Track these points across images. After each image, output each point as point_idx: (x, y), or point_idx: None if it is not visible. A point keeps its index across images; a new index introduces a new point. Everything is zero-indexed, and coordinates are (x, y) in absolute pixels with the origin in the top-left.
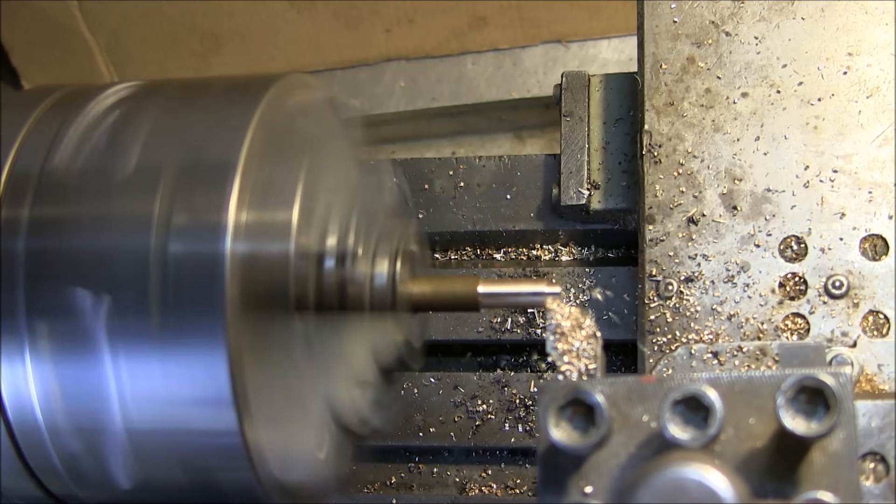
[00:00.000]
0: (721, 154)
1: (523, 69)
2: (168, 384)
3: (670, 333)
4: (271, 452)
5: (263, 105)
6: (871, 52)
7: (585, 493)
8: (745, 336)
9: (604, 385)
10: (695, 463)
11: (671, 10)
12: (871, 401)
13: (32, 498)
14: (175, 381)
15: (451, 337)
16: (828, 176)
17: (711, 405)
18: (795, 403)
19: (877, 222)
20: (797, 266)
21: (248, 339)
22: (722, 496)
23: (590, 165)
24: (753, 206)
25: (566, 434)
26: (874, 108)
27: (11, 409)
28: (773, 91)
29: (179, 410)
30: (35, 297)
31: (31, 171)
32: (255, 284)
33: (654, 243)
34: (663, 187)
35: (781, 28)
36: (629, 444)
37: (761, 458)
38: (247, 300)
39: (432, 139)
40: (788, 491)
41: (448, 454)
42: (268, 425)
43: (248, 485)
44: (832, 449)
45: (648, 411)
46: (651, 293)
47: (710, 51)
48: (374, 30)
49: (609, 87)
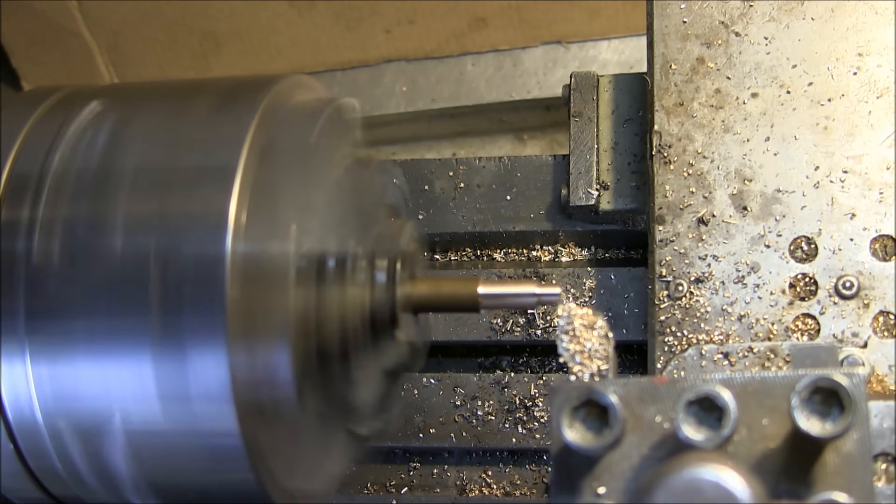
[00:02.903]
0: (731, 154)
1: (523, 70)
2: (168, 384)
3: (680, 334)
4: (272, 453)
5: (263, 106)
6: (881, 53)
7: (598, 494)
8: (756, 337)
9: (617, 386)
10: (711, 463)
11: (681, 11)
12: (883, 401)
13: (32, 499)
14: (175, 381)
15: (452, 338)
16: (838, 176)
17: (725, 406)
18: (810, 404)
19: (887, 223)
20: (807, 267)
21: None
22: (739, 497)
23: (599, 166)
24: (763, 207)
25: (580, 435)
26: (884, 108)
27: (11, 409)
28: (783, 91)
29: (179, 411)
30: (35, 298)
31: (31, 171)
32: (256, 285)
33: (664, 244)
34: (673, 188)
35: (791, 28)
36: (642, 445)
37: (775, 459)
38: (247, 301)
39: (433, 140)
40: (802, 492)
41: (448, 455)
42: (269, 425)
43: (248, 486)
44: (846, 450)
45: (661, 412)
46: (661, 294)
47: (719, 51)
48: (374, 31)
49: (618, 88)
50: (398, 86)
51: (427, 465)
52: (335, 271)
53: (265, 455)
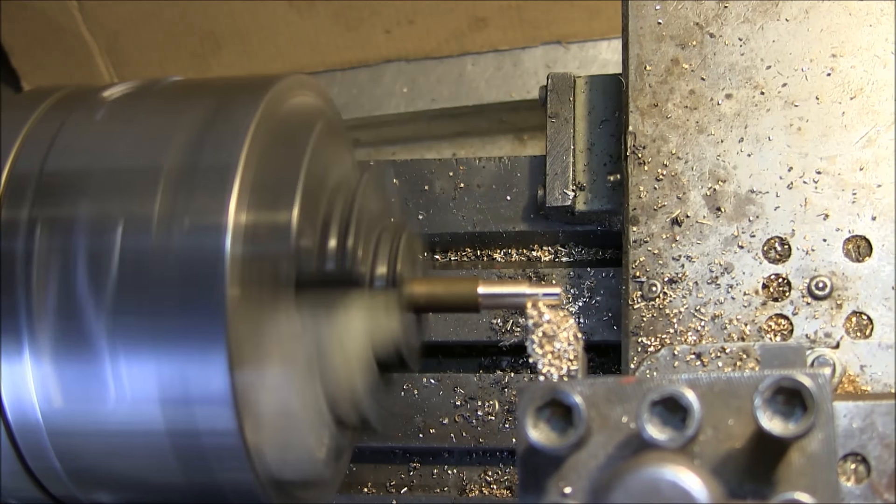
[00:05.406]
0: (705, 155)
1: (523, 70)
2: (167, 384)
3: (654, 334)
4: (271, 453)
5: (263, 106)
6: (854, 54)
7: (565, 493)
8: (729, 337)
9: (583, 386)
10: (669, 463)
11: (656, 12)
12: (853, 402)
13: (32, 499)
14: (174, 381)
15: (452, 338)
16: (811, 177)
17: (689, 406)
18: (773, 404)
19: (860, 223)
20: (781, 267)
21: (248, 339)
22: (696, 496)
23: (575, 167)
24: (737, 208)
25: (544, 435)
26: (858, 109)
27: (11, 409)
28: (757, 92)
29: (179, 411)
30: (35, 297)
31: (31, 171)
32: (255, 285)
33: (637, 244)
34: (647, 189)
35: (765, 29)
36: (608, 445)
37: (740, 459)
38: (247, 301)
39: (433, 141)
40: (767, 492)
41: (448, 455)
42: (267, 425)
43: (247, 485)
44: (811, 450)
45: (628, 412)
46: (635, 294)
47: (694, 52)
48: (374, 31)
49: (594, 89)
50: (398, 86)
51: (427, 465)
52: (335, 271)
53: (265, 455)
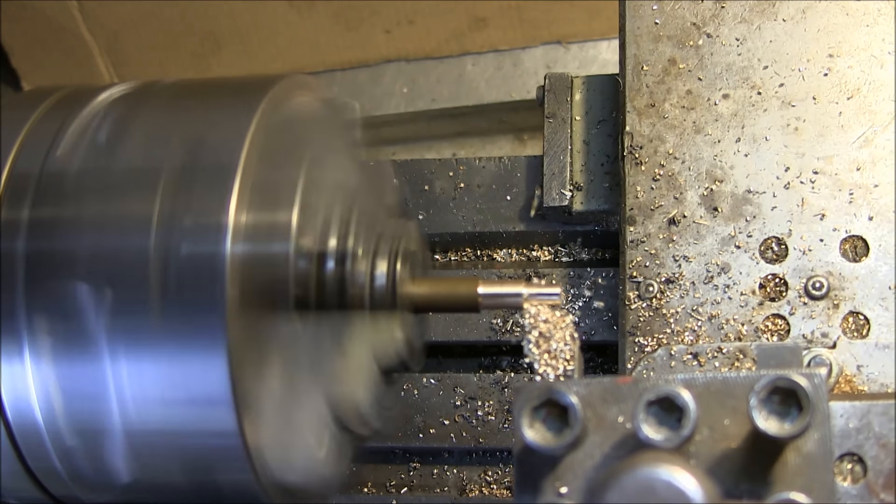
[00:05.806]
0: (702, 155)
1: (523, 70)
2: (168, 385)
3: (651, 334)
4: (271, 453)
5: (263, 106)
6: (851, 54)
7: (560, 493)
8: (726, 337)
9: (579, 386)
10: (665, 463)
11: (653, 12)
12: (850, 402)
13: (32, 499)
14: (175, 381)
15: (452, 338)
16: (808, 177)
17: (685, 406)
18: (769, 404)
19: (857, 224)
20: (777, 267)
21: (248, 339)
22: (691, 496)
23: (572, 167)
24: (734, 208)
25: (540, 435)
26: (855, 109)
27: (11, 409)
28: (754, 92)
29: (179, 411)
30: (35, 297)
31: (31, 171)
32: (256, 285)
33: (634, 244)
34: (644, 189)
35: (762, 30)
36: (604, 445)
37: (736, 459)
38: (247, 301)
39: (433, 141)
40: (763, 492)
41: (448, 455)
42: (268, 426)
43: (247, 485)
44: (806, 450)
45: (624, 412)
46: (632, 294)
47: (691, 52)
48: (374, 31)
49: (591, 89)
50: (398, 86)
51: (427, 465)
52: (335, 271)
53: (265, 455)
